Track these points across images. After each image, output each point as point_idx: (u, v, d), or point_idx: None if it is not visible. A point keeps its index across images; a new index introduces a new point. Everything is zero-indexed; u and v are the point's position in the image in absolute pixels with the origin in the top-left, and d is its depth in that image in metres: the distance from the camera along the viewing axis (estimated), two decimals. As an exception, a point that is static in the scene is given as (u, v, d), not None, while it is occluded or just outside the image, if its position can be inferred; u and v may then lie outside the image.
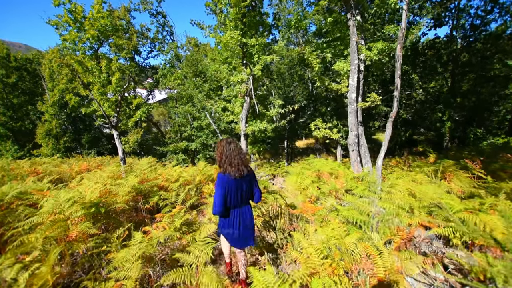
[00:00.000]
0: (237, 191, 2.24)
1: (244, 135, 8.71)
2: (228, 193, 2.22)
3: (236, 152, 2.24)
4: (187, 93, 12.10)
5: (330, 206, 3.01)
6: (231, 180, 2.21)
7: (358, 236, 2.13)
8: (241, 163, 2.24)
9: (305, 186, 4.90)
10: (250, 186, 2.34)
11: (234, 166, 2.21)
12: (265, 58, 7.64)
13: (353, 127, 5.08)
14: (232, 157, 2.23)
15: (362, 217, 2.50)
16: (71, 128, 23.68)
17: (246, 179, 2.28)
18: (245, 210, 2.35)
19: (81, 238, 2.87)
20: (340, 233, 2.14)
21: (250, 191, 2.37)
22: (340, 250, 2.00)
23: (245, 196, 2.32)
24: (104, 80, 9.82)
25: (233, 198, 2.25)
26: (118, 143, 10.34)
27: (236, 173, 2.20)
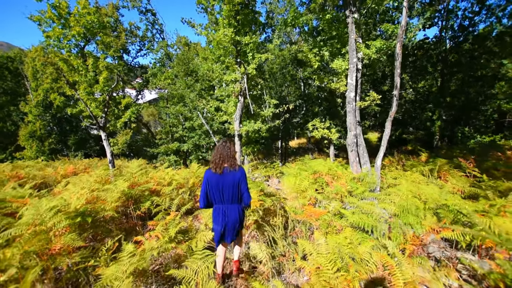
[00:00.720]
0: (217, 187, 2.37)
1: (238, 136, 8.50)
2: (209, 188, 2.41)
3: (222, 150, 2.41)
4: (178, 93, 11.77)
5: (334, 210, 2.85)
6: (212, 174, 2.39)
7: (372, 245, 1.97)
8: (223, 160, 2.38)
9: (304, 188, 4.74)
10: (235, 186, 2.40)
11: (214, 162, 2.40)
12: (260, 57, 7.45)
13: (352, 126, 4.97)
14: (216, 153, 2.42)
15: (371, 222, 2.35)
16: (57, 129, 22.81)
17: (228, 176, 2.38)
18: (230, 209, 2.43)
19: (65, 251, 2.61)
20: (353, 242, 1.98)
21: (236, 191, 2.42)
22: (354, 260, 1.84)
23: (228, 194, 2.40)
24: (91, 79, 9.41)
25: (215, 193, 2.40)
26: (107, 145, 9.93)
27: (216, 168, 2.37)
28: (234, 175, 2.39)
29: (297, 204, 4.23)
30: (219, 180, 2.37)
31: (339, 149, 19.82)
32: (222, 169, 2.39)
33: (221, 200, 2.43)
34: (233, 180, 2.39)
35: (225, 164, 2.40)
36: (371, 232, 2.36)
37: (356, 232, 2.27)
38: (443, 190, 3.68)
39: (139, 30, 19.61)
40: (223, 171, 2.39)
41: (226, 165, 2.40)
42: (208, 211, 4.03)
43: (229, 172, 2.39)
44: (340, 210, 2.77)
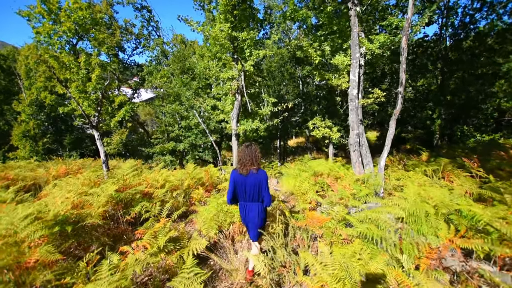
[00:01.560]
0: (242, 186, 2.63)
1: (235, 135, 8.24)
2: (236, 187, 2.67)
3: (249, 153, 2.63)
4: (174, 91, 11.46)
5: (339, 216, 2.61)
6: (238, 175, 2.64)
7: (385, 260, 1.73)
8: (249, 164, 2.60)
9: (304, 191, 4.49)
10: (257, 187, 2.62)
11: (242, 164, 2.63)
12: (258, 53, 7.19)
13: (354, 125, 4.72)
14: (243, 156, 2.64)
15: (380, 232, 2.11)
16: (52, 129, 22.40)
17: (251, 178, 2.60)
18: (250, 207, 2.69)
19: (41, 264, 2.34)
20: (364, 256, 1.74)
21: (257, 191, 2.63)
22: (367, 279, 1.60)
23: (250, 193, 2.64)
24: (83, 77, 9.09)
25: (240, 192, 2.67)
26: (100, 145, 9.63)
27: (242, 170, 2.61)
28: (256, 177, 2.61)
29: (298, 208, 3.98)
30: (244, 181, 2.62)
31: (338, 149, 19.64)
32: (248, 171, 2.61)
33: (244, 198, 2.69)
34: (255, 182, 2.61)
35: (251, 167, 2.61)
36: (380, 243, 2.12)
37: (366, 245, 2.03)
38: (453, 193, 3.45)
39: (134, 27, 19.22)
40: (249, 173, 2.61)
41: (251, 168, 2.61)
42: (202, 215, 3.78)
43: (252, 174, 2.61)
44: (346, 217, 2.52)
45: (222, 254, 3.38)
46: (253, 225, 2.69)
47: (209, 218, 3.56)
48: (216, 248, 3.49)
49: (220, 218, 3.59)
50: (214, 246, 3.49)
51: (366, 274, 1.65)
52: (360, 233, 2.20)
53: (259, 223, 2.70)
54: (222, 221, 3.57)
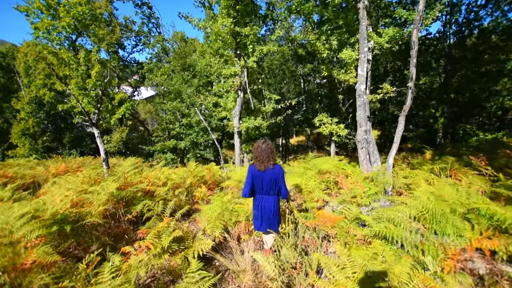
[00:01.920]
0: (259, 181, 2.75)
1: (237, 133, 8.10)
2: (253, 181, 2.78)
3: (265, 151, 2.73)
4: (175, 88, 11.31)
5: (352, 215, 2.48)
6: (255, 170, 2.76)
7: (410, 263, 1.60)
8: (266, 160, 2.71)
9: (311, 189, 4.36)
10: (274, 181, 2.75)
11: (259, 161, 2.73)
12: (261, 49, 7.04)
13: (362, 122, 4.58)
14: (260, 153, 2.73)
15: (400, 232, 1.97)
16: (51, 127, 22.24)
17: (268, 173, 2.73)
18: (267, 199, 2.79)
19: (39, 266, 2.21)
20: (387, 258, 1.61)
21: (274, 185, 2.77)
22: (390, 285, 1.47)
23: (267, 187, 2.77)
24: (83, 74, 8.94)
25: (257, 186, 2.78)
26: (100, 143, 9.49)
27: (260, 166, 2.73)
28: (273, 172, 2.73)
29: (305, 207, 3.85)
30: (261, 176, 2.74)
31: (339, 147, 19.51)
32: (266, 167, 2.73)
33: (261, 192, 2.80)
34: (271, 176, 2.73)
35: (268, 163, 2.72)
36: (400, 244, 1.98)
37: (387, 246, 1.89)
38: (469, 191, 3.31)
39: (134, 24, 19.05)
40: (266, 168, 2.73)
41: (268, 164, 2.72)
42: (206, 214, 3.64)
43: (269, 169, 2.73)
44: (360, 216, 2.39)
45: (227, 255, 3.25)
46: (268, 217, 2.79)
47: (213, 217, 3.43)
48: (221, 248, 3.36)
49: (225, 217, 3.46)
50: (219, 246, 3.36)
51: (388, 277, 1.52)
52: (377, 233, 2.06)
53: (275, 214, 2.83)
54: (227, 220, 3.44)
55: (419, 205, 2.29)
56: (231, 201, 3.90)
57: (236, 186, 4.88)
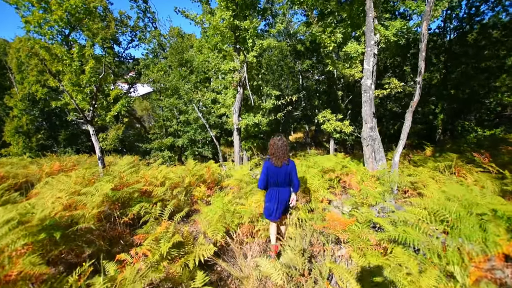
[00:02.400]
0: (275, 175, 2.96)
1: (236, 130, 7.90)
2: (268, 175, 2.99)
3: (281, 148, 2.92)
4: (172, 84, 11.05)
5: (365, 218, 2.31)
6: (272, 166, 2.95)
7: (436, 274, 1.44)
8: (282, 157, 2.91)
9: (315, 188, 4.19)
10: (288, 175, 2.97)
11: (276, 157, 2.93)
12: (261, 43, 6.82)
13: (368, 118, 4.41)
14: (276, 149, 2.93)
15: (421, 237, 1.81)
16: (46, 124, 21.82)
17: (283, 168, 2.94)
18: (282, 190, 3.02)
19: (26, 277, 2.01)
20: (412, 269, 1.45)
21: (288, 178, 2.99)
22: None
23: (282, 181, 2.98)
24: (76, 69, 8.64)
25: (272, 180, 3.00)
26: (95, 140, 9.24)
27: (277, 162, 2.92)
28: (287, 167, 2.96)
29: (310, 207, 3.68)
30: (277, 171, 2.95)
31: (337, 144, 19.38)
32: (282, 163, 2.92)
33: (277, 185, 3.01)
34: (286, 171, 2.96)
35: (283, 159, 2.92)
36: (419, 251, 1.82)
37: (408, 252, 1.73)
38: (484, 191, 3.16)
39: (130, 19, 18.64)
40: (282, 164, 2.93)
41: (284, 160, 2.92)
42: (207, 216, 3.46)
43: (285, 165, 2.94)
44: (374, 219, 2.23)
45: (230, 259, 3.08)
46: (282, 206, 3.01)
47: (215, 219, 3.25)
48: (223, 252, 3.19)
49: (227, 219, 3.28)
50: (221, 250, 3.18)
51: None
52: (394, 238, 1.90)
53: (288, 206, 3.08)
54: (230, 222, 3.27)
55: (439, 207, 2.12)
56: (232, 201, 3.73)
57: (236, 186, 4.70)
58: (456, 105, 15.71)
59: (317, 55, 16.96)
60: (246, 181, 4.67)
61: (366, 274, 1.67)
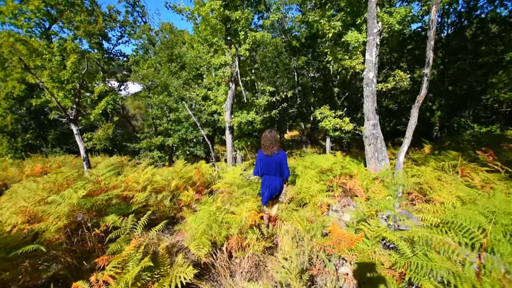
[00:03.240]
0: (266, 164, 3.26)
1: (229, 128, 7.45)
2: (261, 164, 3.33)
3: (269, 139, 3.17)
4: (162, 81, 10.52)
5: (375, 234, 1.91)
6: (263, 155, 3.27)
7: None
8: (270, 147, 3.17)
9: (314, 193, 3.79)
10: (278, 164, 3.21)
11: (265, 147, 3.21)
12: (254, 35, 6.37)
13: (370, 114, 4.02)
14: (265, 141, 3.20)
15: (449, 265, 1.43)
16: (34, 123, 21.06)
17: (273, 158, 3.20)
18: (273, 178, 3.27)
19: None
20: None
21: (279, 168, 3.23)
22: None
23: (273, 169, 3.24)
24: (57, 64, 8.09)
25: (264, 168, 3.30)
26: (79, 140, 8.72)
27: (267, 152, 3.20)
28: (277, 156, 3.20)
29: (309, 215, 3.28)
30: (267, 160, 3.23)
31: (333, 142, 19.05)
32: (272, 152, 3.18)
33: (268, 173, 3.29)
34: (276, 160, 3.20)
35: (272, 149, 3.17)
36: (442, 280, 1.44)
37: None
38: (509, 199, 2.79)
39: (119, 14, 17.99)
40: (272, 154, 3.18)
41: (273, 150, 3.17)
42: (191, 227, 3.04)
43: (275, 154, 3.19)
44: (387, 235, 1.83)
45: (216, 278, 2.66)
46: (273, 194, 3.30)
47: (199, 231, 2.83)
48: (208, 270, 2.77)
49: (213, 231, 2.86)
50: (205, 269, 2.76)
51: None
52: (415, 266, 1.51)
53: (278, 193, 3.35)
54: (216, 234, 2.84)
55: (466, 221, 1.73)
56: (221, 209, 3.30)
57: (227, 190, 4.27)
58: (453, 102, 15.49)
59: (312, 51, 16.58)
60: (237, 184, 4.25)
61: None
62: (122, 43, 18.79)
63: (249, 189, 4.22)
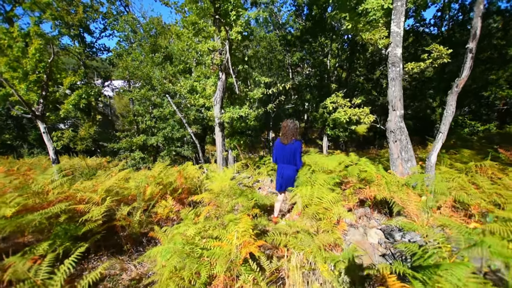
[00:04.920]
0: (282, 153, 3.45)
1: (219, 125, 6.49)
2: (277, 151, 3.53)
3: (291, 129, 3.33)
4: (144, 73, 9.43)
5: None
6: (280, 143, 3.45)
7: None
8: (291, 137, 3.34)
9: (328, 204, 2.88)
10: (292, 153, 3.38)
11: (285, 136, 3.37)
12: (248, 15, 5.45)
13: (397, 103, 3.13)
14: (287, 130, 3.35)
15: None
16: (12, 123, 19.67)
17: (289, 146, 3.37)
18: (287, 167, 3.47)
19: None
20: None
21: (293, 156, 3.40)
22: None
23: (288, 158, 3.43)
24: (18, 51, 6.97)
25: (279, 156, 3.51)
26: (47, 140, 7.59)
27: (284, 140, 3.38)
28: (292, 146, 3.36)
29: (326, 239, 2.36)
30: (284, 148, 3.41)
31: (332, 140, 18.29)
32: (289, 141, 3.35)
33: (282, 161, 3.49)
34: (292, 149, 3.37)
35: (291, 139, 3.34)
36: None
37: None
38: None
39: (102, 6, 16.79)
40: (289, 143, 3.36)
41: (291, 139, 3.34)
42: (158, 263, 2.07)
43: (291, 143, 3.36)
44: None
45: None
46: (286, 183, 3.50)
47: (167, 271, 1.87)
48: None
49: (188, 270, 1.90)
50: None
51: None
52: None
53: (292, 181, 3.47)
54: (192, 275, 1.89)
55: None
56: (202, 232, 2.35)
57: (214, 201, 3.31)
58: (454, 99, 14.90)
59: (308, 46, 15.79)
60: (227, 193, 3.30)
61: None
62: (105, 36, 17.63)
63: (243, 200, 3.28)
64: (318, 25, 14.13)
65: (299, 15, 17.77)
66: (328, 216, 2.82)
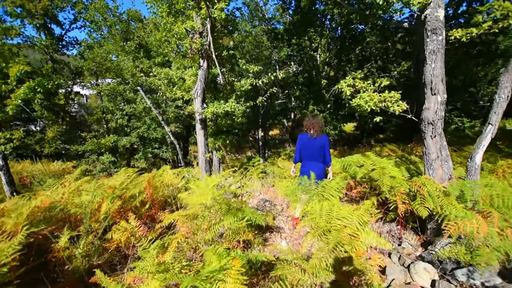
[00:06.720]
0: (310, 148, 3.20)
1: (200, 121, 5.49)
2: (302, 148, 3.28)
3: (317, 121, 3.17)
4: (113, 64, 8.21)
5: None
6: (305, 138, 3.22)
7: None
8: (315, 130, 3.13)
9: (353, 230, 2.01)
10: (320, 149, 3.15)
11: (315, 130, 3.14)
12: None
13: (438, 84, 2.28)
14: (312, 123, 3.16)
15: None
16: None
17: (316, 141, 3.14)
18: (315, 164, 3.20)
19: None
20: None
21: (321, 152, 3.16)
22: None
23: (315, 154, 3.19)
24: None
25: (305, 152, 3.25)
26: (-8, 142, 6.32)
27: (314, 134, 3.13)
28: (321, 139, 3.14)
29: None
30: (310, 142, 3.18)
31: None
32: (317, 135, 3.13)
33: (309, 157, 3.23)
34: (321, 144, 3.14)
35: (319, 133, 3.13)
36: None
37: None
38: None
39: (72, -6, 15.21)
40: (317, 137, 3.13)
41: (319, 132, 3.13)
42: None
43: (319, 137, 3.14)
44: None
45: None
46: (317, 176, 3.08)
47: None
48: None
49: None
50: None
51: None
52: None
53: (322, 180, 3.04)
54: None
55: None
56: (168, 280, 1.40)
57: (189, 224, 2.33)
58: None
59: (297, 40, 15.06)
60: (206, 215, 2.34)
61: None
62: (76, 28, 16.05)
63: (231, 220, 2.31)
64: (307, 17, 13.43)
65: (286, 9, 17.05)
66: (354, 245, 1.94)
